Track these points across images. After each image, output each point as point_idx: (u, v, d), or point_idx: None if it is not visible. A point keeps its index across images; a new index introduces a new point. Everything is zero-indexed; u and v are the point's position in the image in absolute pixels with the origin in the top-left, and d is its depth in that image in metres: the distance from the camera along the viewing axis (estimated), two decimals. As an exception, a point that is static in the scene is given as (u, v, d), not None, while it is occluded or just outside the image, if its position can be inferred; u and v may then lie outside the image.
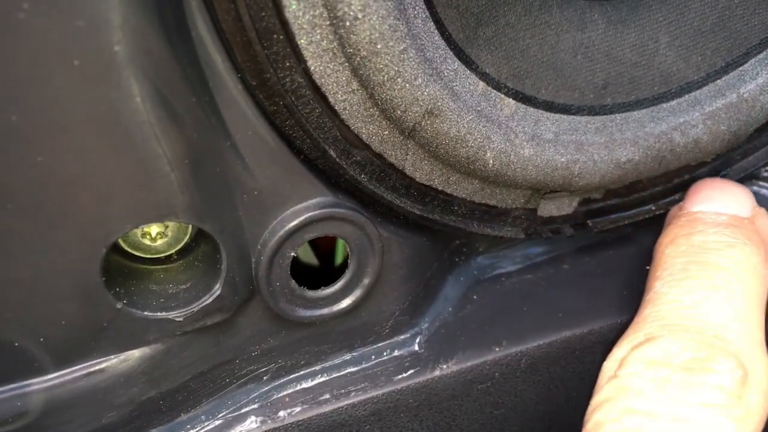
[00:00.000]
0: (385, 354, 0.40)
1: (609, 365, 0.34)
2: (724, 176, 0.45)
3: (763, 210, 0.40)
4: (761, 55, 0.41)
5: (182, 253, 0.36)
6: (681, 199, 0.45)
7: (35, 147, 0.27)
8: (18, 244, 0.30)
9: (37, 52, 0.25)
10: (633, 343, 0.34)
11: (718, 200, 0.41)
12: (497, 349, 0.40)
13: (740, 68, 0.42)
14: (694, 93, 0.42)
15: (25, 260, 0.30)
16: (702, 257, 0.37)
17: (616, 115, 0.41)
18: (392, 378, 0.39)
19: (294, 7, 0.29)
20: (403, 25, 0.31)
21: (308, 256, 0.50)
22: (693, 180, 0.45)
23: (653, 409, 0.32)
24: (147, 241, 0.35)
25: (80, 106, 0.27)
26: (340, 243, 0.45)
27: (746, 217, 0.40)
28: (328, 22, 0.30)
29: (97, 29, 0.25)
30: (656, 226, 0.46)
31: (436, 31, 0.34)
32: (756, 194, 0.50)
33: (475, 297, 0.44)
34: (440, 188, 0.38)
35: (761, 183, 0.50)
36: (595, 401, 0.33)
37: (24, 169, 0.28)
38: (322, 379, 0.39)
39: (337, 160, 0.35)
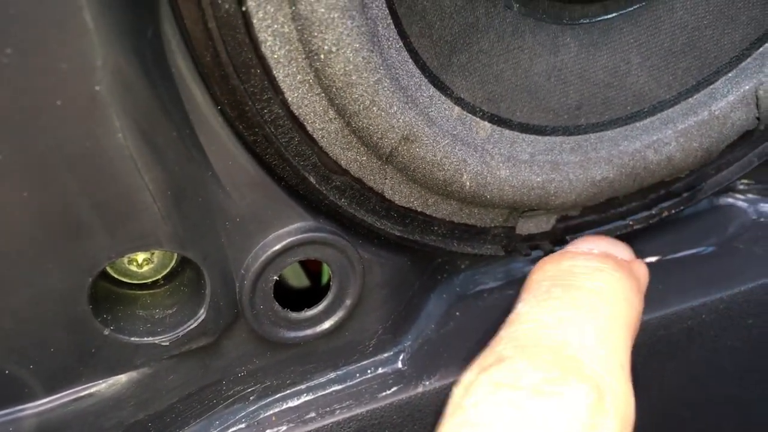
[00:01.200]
0: (369, 372, 0.41)
1: (456, 391, 0.32)
2: (699, 190, 0.46)
3: (641, 261, 0.40)
4: (731, 74, 0.43)
5: (168, 278, 0.37)
6: (658, 213, 0.47)
7: (22, 182, 0.28)
8: (7, 275, 0.30)
9: (21, 93, 0.26)
10: (482, 365, 0.32)
11: (593, 241, 0.41)
12: (479, 365, 0.41)
13: (711, 86, 0.43)
14: (666, 111, 0.43)
15: (14, 291, 0.31)
16: (568, 280, 0.35)
17: (591, 134, 0.42)
18: (376, 395, 0.40)
19: (270, 42, 0.30)
20: (376, 56, 0.32)
21: (298, 275, 0.51)
22: (669, 194, 0.46)
23: None
24: (134, 268, 0.36)
25: (64, 143, 0.28)
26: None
27: (621, 258, 0.39)
28: (303, 56, 0.31)
29: (78, 71, 0.26)
30: (634, 240, 0.47)
31: (410, 59, 0.35)
32: (732, 206, 0.51)
33: (457, 313, 0.45)
34: (419, 210, 0.40)
35: (737, 195, 0.51)
36: None
37: (11, 204, 0.29)
38: (308, 398, 0.40)
39: (317, 186, 0.36)
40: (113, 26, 0.26)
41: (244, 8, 0.29)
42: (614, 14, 0.40)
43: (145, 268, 0.37)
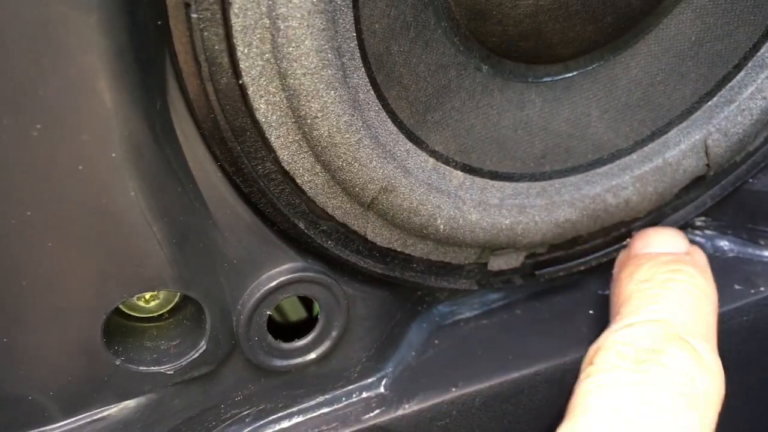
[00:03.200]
0: (354, 396, 0.45)
1: (589, 351, 0.41)
2: (658, 228, 0.51)
3: (696, 247, 0.47)
4: (683, 125, 0.47)
5: (172, 312, 0.42)
6: (620, 249, 0.51)
7: (46, 235, 0.33)
8: (31, 313, 0.35)
9: (48, 160, 0.31)
10: (610, 333, 0.40)
11: (657, 242, 0.47)
12: (454, 389, 0.45)
13: (664, 136, 0.47)
14: (623, 159, 0.47)
15: (37, 326, 0.35)
16: (657, 278, 0.43)
17: (555, 180, 0.46)
18: (360, 417, 0.44)
19: (263, 109, 0.35)
20: (357, 119, 0.36)
21: (295, 305, 0.55)
22: (629, 233, 0.50)
23: (617, 382, 0.37)
24: (142, 303, 0.41)
25: (85, 201, 0.32)
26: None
27: (684, 252, 0.47)
28: (292, 120, 0.36)
29: (97, 141, 0.31)
30: (599, 273, 0.51)
31: (388, 119, 0.39)
32: (691, 242, 0.55)
33: (436, 341, 0.49)
34: (399, 250, 0.44)
35: (696, 231, 0.55)
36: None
37: (37, 253, 0.33)
38: (299, 420, 0.44)
39: (306, 230, 0.40)
40: (128, 102, 0.31)
41: (240, 81, 0.33)
42: (575, 73, 0.45)
43: (152, 303, 0.41)
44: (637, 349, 0.39)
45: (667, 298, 0.42)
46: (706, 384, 0.38)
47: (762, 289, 0.51)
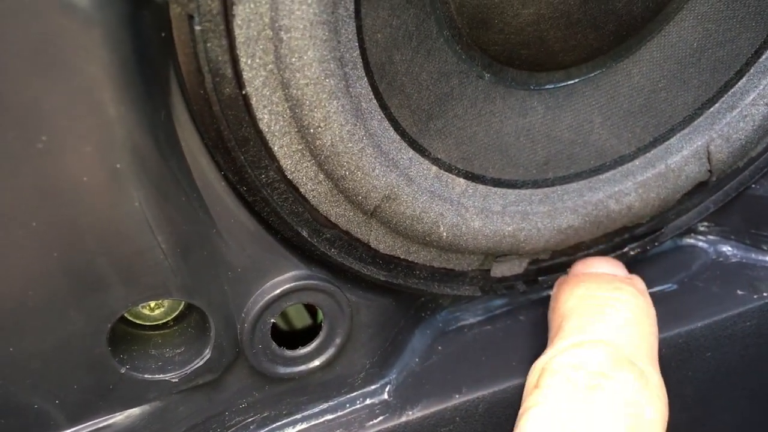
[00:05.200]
0: (358, 402, 0.45)
1: (531, 376, 0.40)
2: (661, 234, 0.51)
3: (635, 275, 0.47)
4: (685, 131, 0.47)
5: (177, 319, 0.42)
6: (623, 255, 0.51)
7: (51, 246, 0.33)
8: (36, 323, 0.35)
9: (54, 171, 0.31)
10: (553, 354, 0.40)
11: (598, 266, 0.48)
12: (457, 396, 0.45)
13: (667, 142, 0.47)
14: (626, 165, 0.47)
15: (44, 337, 0.35)
16: (599, 295, 0.43)
17: (557, 186, 0.46)
18: (365, 424, 0.45)
19: (267, 119, 0.35)
20: (360, 128, 0.37)
21: (300, 312, 0.56)
22: (632, 238, 0.50)
23: (567, 409, 0.36)
24: (146, 312, 0.41)
25: (89, 211, 0.32)
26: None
27: (623, 276, 0.47)
28: (295, 129, 0.36)
29: (102, 152, 0.31)
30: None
31: (391, 128, 0.39)
32: (693, 246, 0.55)
33: (439, 347, 0.49)
34: (402, 257, 0.44)
35: (698, 236, 0.55)
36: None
37: (42, 263, 0.33)
38: (303, 427, 0.44)
39: (309, 238, 0.40)
40: (132, 113, 0.31)
41: (243, 92, 0.34)
42: (577, 80, 0.45)
43: (157, 311, 0.41)
44: (586, 372, 0.38)
45: (612, 317, 0.41)
46: (653, 410, 0.38)
47: (765, 294, 0.51)
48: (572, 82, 0.45)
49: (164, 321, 0.42)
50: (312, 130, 0.35)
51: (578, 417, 0.36)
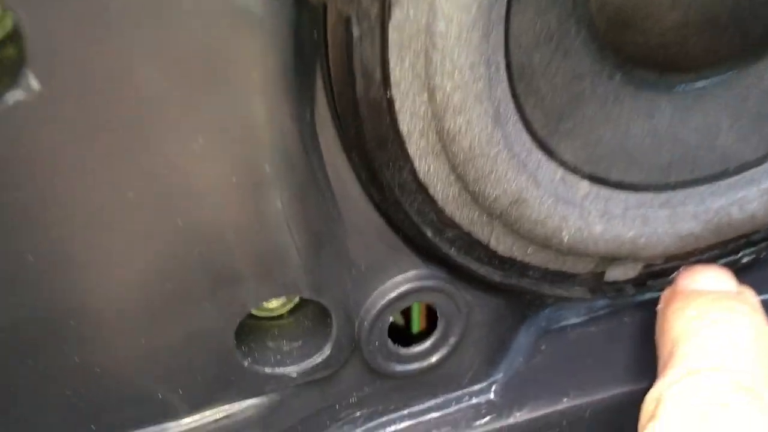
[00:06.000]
0: (464, 401, 0.45)
1: (646, 406, 0.38)
2: (777, 241, 0.49)
3: (747, 287, 0.45)
4: (815, 137, 0.45)
5: (291, 311, 0.42)
6: (738, 260, 0.49)
7: (195, 242, 0.33)
8: (171, 316, 0.35)
9: (206, 172, 0.31)
10: (669, 382, 0.38)
11: (706, 279, 0.45)
12: (565, 399, 0.45)
13: (796, 149, 0.45)
14: (751, 171, 0.45)
15: (176, 329, 0.36)
16: (712, 317, 0.41)
17: (679, 191, 0.45)
18: (471, 423, 0.44)
19: (407, 121, 0.34)
20: (498, 132, 0.36)
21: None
22: (748, 243, 0.49)
23: None
24: (265, 303, 0.41)
25: (234, 210, 0.32)
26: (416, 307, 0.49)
27: (734, 291, 0.45)
28: (434, 132, 0.35)
29: (254, 155, 0.31)
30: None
31: (524, 130, 0.38)
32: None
33: (543, 347, 0.48)
34: (519, 258, 0.43)
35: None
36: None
37: (183, 259, 0.33)
38: (409, 423, 0.44)
39: (432, 239, 0.39)
40: (284, 116, 0.30)
41: (388, 94, 0.33)
42: (708, 81, 0.43)
43: (274, 303, 0.41)
44: (705, 402, 0.36)
45: (727, 341, 0.39)
46: None
47: None
48: (702, 83, 0.43)
49: (280, 313, 0.42)
50: (452, 135, 0.35)
51: None
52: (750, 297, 0.44)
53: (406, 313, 0.55)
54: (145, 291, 0.34)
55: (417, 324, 0.48)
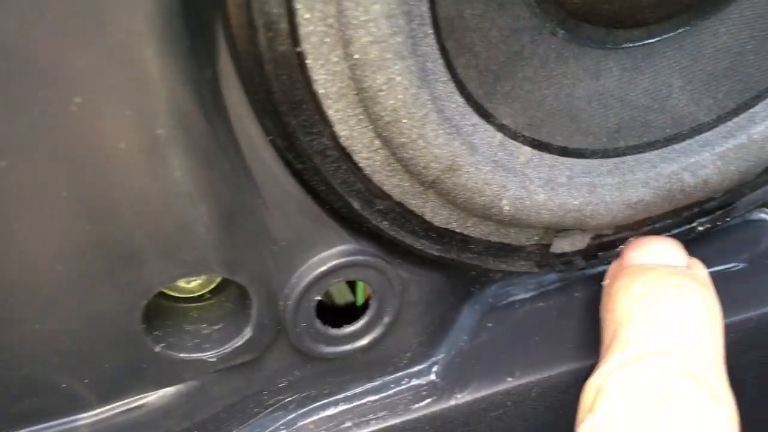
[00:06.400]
0: (403, 383, 0.42)
1: (585, 396, 0.35)
2: (733, 209, 0.47)
3: (696, 260, 0.42)
4: (772, 98, 0.43)
5: (214, 292, 0.39)
6: (690, 230, 0.47)
7: (85, 216, 0.29)
8: (66, 300, 0.32)
9: (88, 138, 0.27)
10: (608, 369, 0.35)
11: (654, 252, 0.42)
12: (510, 379, 0.43)
13: (751, 110, 0.43)
14: (704, 134, 0.43)
15: (73, 314, 0.32)
16: (658, 294, 0.38)
17: (628, 156, 0.42)
18: (410, 407, 0.42)
19: (322, 80, 0.31)
20: (424, 92, 0.33)
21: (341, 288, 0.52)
22: (702, 212, 0.46)
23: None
24: (182, 284, 0.38)
25: (126, 181, 0.29)
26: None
27: (684, 265, 0.42)
28: (354, 92, 0.32)
29: (142, 117, 0.27)
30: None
31: (456, 91, 0.35)
32: (764, 221, 0.51)
33: (489, 324, 0.46)
34: (458, 230, 0.40)
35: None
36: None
37: (73, 235, 0.30)
38: (345, 407, 0.42)
39: (360, 210, 0.36)
40: (176, 73, 0.27)
41: (298, 49, 0.30)
42: (658, 38, 0.40)
43: (193, 284, 0.38)
44: (649, 391, 0.33)
45: (675, 322, 0.36)
46: (724, 424, 0.33)
47: None
48: (653, 41, 0.40)
49: (200, 293, 0.38)
50: (372, 94, 0.31)
51: None
52: (700, 271, 0.41)
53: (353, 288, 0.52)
54: (33, 272, 0.30)
55: (361, 297, 0.45)
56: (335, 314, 0.41)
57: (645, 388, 0.33)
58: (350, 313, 0.41)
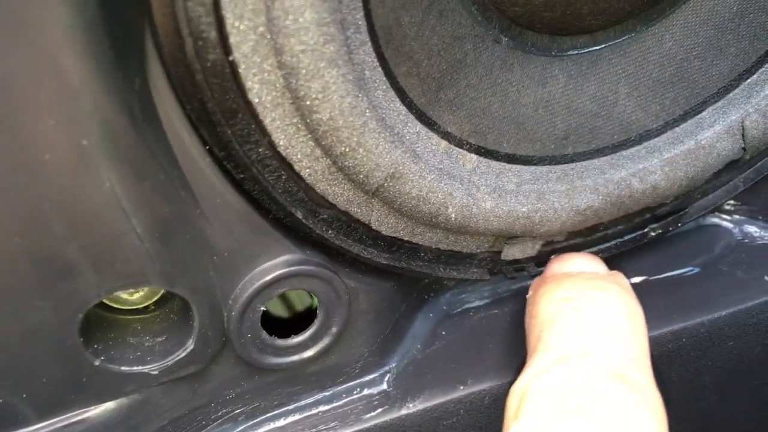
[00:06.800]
0: (355, 393, 0.42)
1: (510, 402, 0.35)
2: (684, 214, 0.47)
3: (617, 272, 0.42)
4: (718, 104, 0.43)
5: (158, 304, 0.38)
6: (642, 236, 0.47)
7: (13, 229, 0.29)
8: (3, 312, 0.31)
9: (10, 148, 0.27)
10: (530, 375, 0.35)
11: (576, 264, 0.43)
12: (462, 387, 0.42)
13: (698, 116, 0.43)
14: (652, 140, 0.43)
15: (8, 327, 0.32)
16: (580, 297, 0.38)
17: (577, 163, 0.42)
18: (361, 417, 0.41)
19: (257, 89, 0.31)
20: (362, 100, 0.32)
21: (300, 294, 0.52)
22: (654, 218, 0.47)
23: None
24: (125, 296, 0.37)
25: (53, 193, 0.28)
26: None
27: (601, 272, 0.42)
28: (290, 101, 0.32)
29: (65, 127, 0.27)
30: (619, 260, 0.48)
31: (397, 99, 0.35)
32: (717, 226, 0.52)
33: (443, 332, 0.46)
34: (406, 239, 0.40)
35: (724, 216, 0.52)
36: None
37: (3, 249, 0.29)
38: (295, 418, 0.41)
39: (303, 220, 0.36)
40: (100, 82, 0.27)
41: (230, 58, 0.29)
42: (603, 45, 0.41)
43: (136, 296, 0.37)
44: (572, 394, 0.33)
45: (596, 323, 0.36)
46: (652, 423, 0.33)
47: (794, 281, 0.47)
48: (598, 48, 0.41)
49: (144, 305, 0.38)
50: (308, 102, 0.31)
51: None
52: (620, 279, 0.41)
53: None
54: (-39, 286, 0.30)
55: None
56: (298, 320, 0.41)
57: (570, 391, 0.33)
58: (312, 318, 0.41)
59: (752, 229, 0.50)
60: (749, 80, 0.42)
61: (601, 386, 0.33)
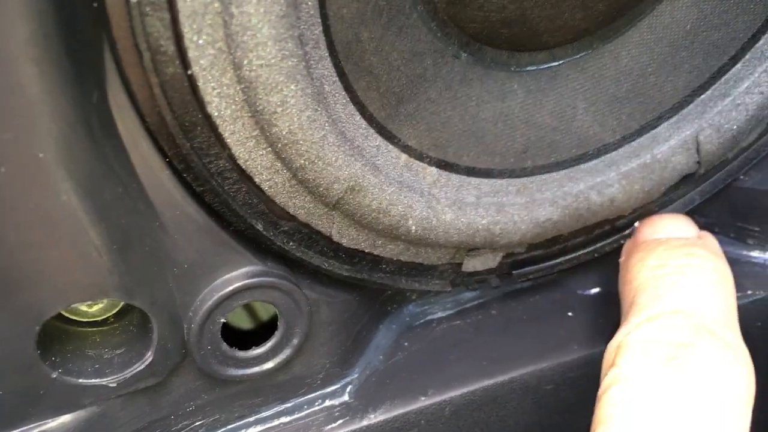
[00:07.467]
0: (316, 404, 0.42)
1: (608, 353, 0.37)
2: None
3: (707, 232, 0.45)
4: (673, 119, 0.44)
5: (118, 316, 0.38)
6: (602, 248, 0.48)
7: (-34, 242, 0.29)
8: (-47, 326, 0.31)
9: (-36, 161, 0.27)
10: (629, 329, 0.37)
11: (666, 228, 0.45)
12: (423, 398, 0.43)
13: (653, 131, 0.44)
14: (610, 154, 0.44)
15: (-39, 340, 0.32)
16: (672, 263, 0.40)
17: (536, 176, 0.43)
18: (322, 428, 0.42)
19: (216, 102, 0.31)
20: (321, 113, 0.33)
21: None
22: (613, 230, 0.47)
23: (647, 385, 0.34)
24: (84, 308, 0.37)
25: (8, 205, 0.28)
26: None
27: (695, 237, 0.44)
28: (249, 114, 0.32)
29: (21, 140, 0.27)
30: (579, 272, 0.49)
31: (356, 113, 0.36)
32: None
33: (406, 344, 0.46)
34: (367, 251, 0.41)
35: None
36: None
37: (-44, 262, 0.29)
38: (256, 430, 0.41)
39: (264, 232, 0.36)
40: (56, 95, 0.27)
41: (189, 72, 0.30)
42: (561, 62, 0.41)
43: (95, 308, 0.37)
44: (665, 344, 0.36)
45: (687, 285, 0.39)
46: (740, 377, 0.35)
47: (749, 291, 0.48)
48: (556, 63, 0.41)
49: (104, 317, 0.38)
50: (267, 116, 0.32)
51: (660, 392, 0.34)
52: (710, 243, 0.43)
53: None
54: None
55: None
56: (263, 330, 0.41)
57: (662, 342, 0.36)
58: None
59: (709, 241, 0.51)
60: (703, 96, 0.44)
61: (694, 339, 0.35)
